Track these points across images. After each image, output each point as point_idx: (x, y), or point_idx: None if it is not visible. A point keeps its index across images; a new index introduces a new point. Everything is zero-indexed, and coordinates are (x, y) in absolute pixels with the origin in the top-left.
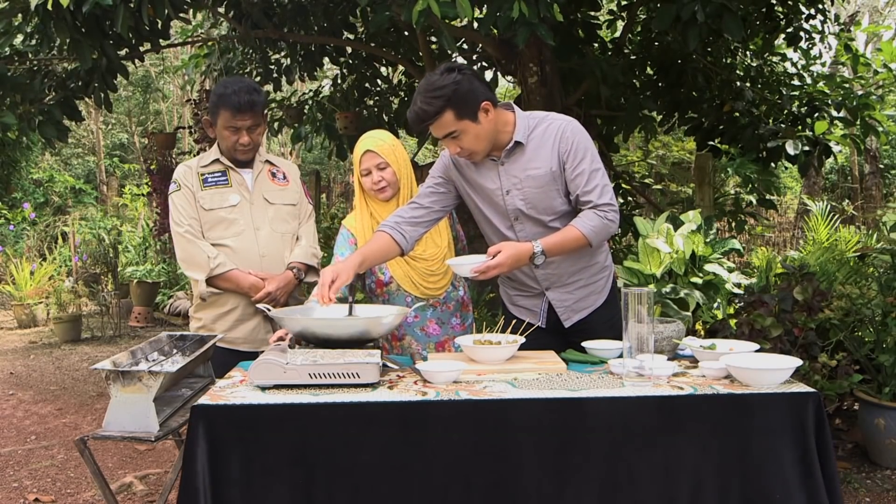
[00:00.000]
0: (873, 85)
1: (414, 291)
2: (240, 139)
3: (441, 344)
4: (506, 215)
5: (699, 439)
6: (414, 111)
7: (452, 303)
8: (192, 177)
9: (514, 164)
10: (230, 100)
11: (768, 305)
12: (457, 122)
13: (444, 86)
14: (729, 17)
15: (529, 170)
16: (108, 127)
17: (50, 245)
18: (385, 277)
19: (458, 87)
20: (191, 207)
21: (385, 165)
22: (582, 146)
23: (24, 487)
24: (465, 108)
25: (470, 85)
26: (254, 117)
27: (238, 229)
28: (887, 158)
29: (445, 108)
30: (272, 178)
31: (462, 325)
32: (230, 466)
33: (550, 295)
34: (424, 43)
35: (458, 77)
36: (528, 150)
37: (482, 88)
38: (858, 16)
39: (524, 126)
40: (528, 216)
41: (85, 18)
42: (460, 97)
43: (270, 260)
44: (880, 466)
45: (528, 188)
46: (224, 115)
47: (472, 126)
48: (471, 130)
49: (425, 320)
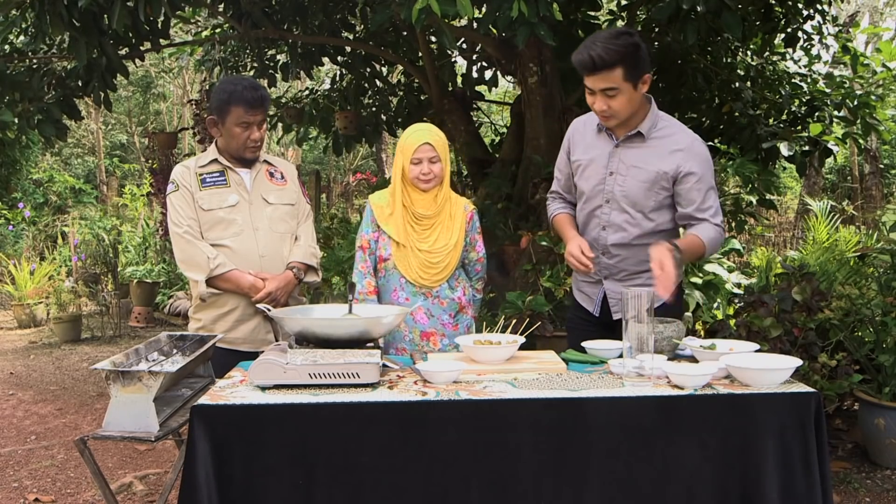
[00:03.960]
0: (873, 85)
1: (408, 275)
2: (251, 135)
3: (427, 334)
4: (598, 195)
5: (699, 439)
6: (589, 55)
7: (446, 300)
8: (191, 177)
9: (629, 151)
10: (243, 95)
11: (768, 305)
12: (622, 80)
13: (627, 43)
14: (728, 13)
15: (640, 163)
16: (108, 127)
17: (49, 245)
18: (385, 254)
19: (637, 48)
20: (189, 208)
21: (437, 160)
22: (706, 164)
23: (24, 487)
24: (634, 71)
25: (642, 52)
26: (263, 113)
27: (237, 229)
28: (887, 158)
29: (620, 63)
30: (270, 177)
31: (455, 325)
32: (230, 466)
33: (607, 285)
34: (424, 43)
35: (637, 40)
36: (647, 144)
37: (648, 60)
38: (858, 16)
39: (652, 121)
40: (619, 203)
41: (81, 14)
42: (636, 58)
43: (270, 260)
44: (880, 466)
45: (631, 178)
46: (236, 111)
47: (630, 90)
48: (627, 93)
49: (415, 305)
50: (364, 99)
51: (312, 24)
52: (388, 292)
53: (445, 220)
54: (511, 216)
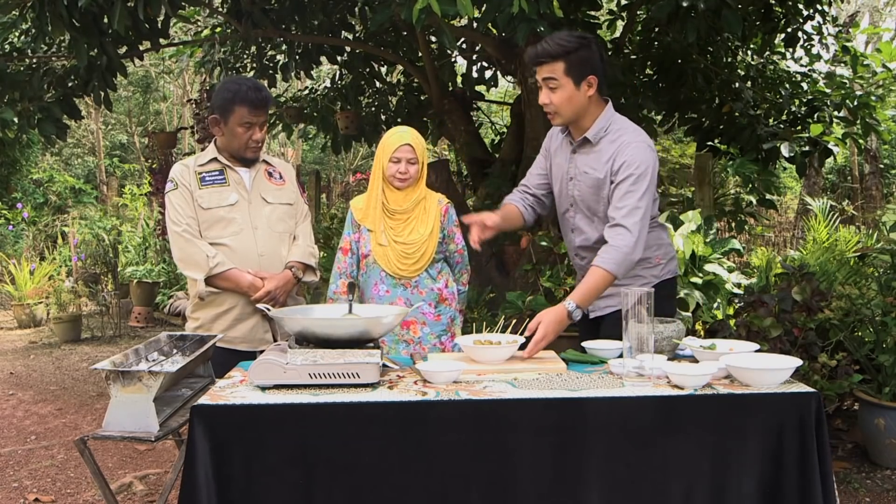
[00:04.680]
0: (873, 85)
1: (387, 268)
2: (253, 135)
3: (407, 323)
4: (565, 199)
5: (699, 439)
6: (536, 48)
7: (425, 290)
8: (190, 176)
9: (581, 156)
10: (248, 96)
11: (768, 305)
12: (563, 74)
13: (571, 41)
14: (728, 11)
15: (588, 168)
16: (107, 127)
17: (49, 245)
18: (366, 250)
19: (580, 48)
20: (188, 206)
21: (415, 162)
22: (634, 166)
23: (24, 487)
24: (576, 68)
25: (589, 54)
26: (266, 114)
27: (236, 228)
28: (887, 158)
29: (562, 57)
30: (269, 177)
31: (437, 315)
32: (230, 466)
33: None
34: (424, 42)
35: (586, 42)
36: (596, 149)
37: (597, 64)
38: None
39: (601, 126)
40: (580, 208)
41: (81, 14)
42: (580, 56)
43: (269, 259)
44: (880, 466)
45: (582, 184)
46: (240, 111)
47: (571, 87)
48: (567, 90)
49: (395, 297)
50: (363, 98)
51: (312, 23)
52: (370, 286)
53: (420, 213)
54: None
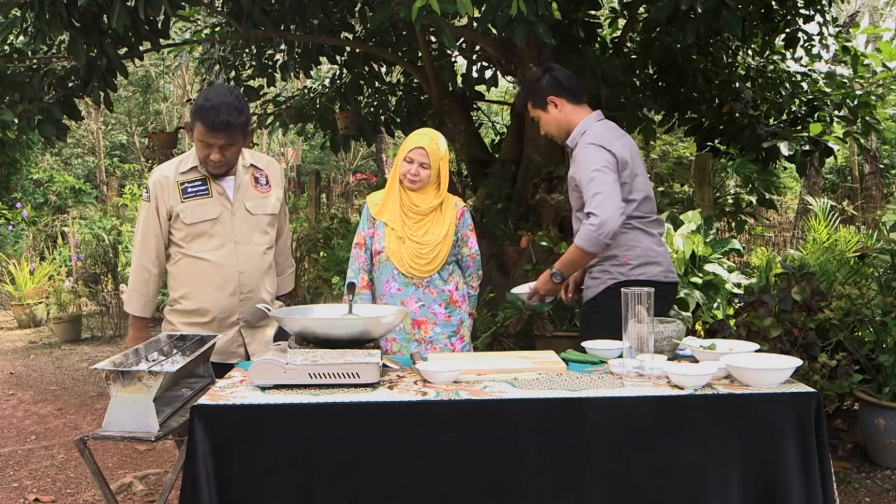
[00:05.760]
0: (873, 84)
1: (400, 267)
2: (210, 155)
3: (418, 322)
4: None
5: (699, 439)
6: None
7: (436, 290)
8: (171, 187)
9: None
10: (206, 115)
11: (768, 305)
12: (533, 110)
13: (527, 83)
14: (727, 12)
15: (570, 174)
16: (108, 127)
17: (49, 245)
18: (379, 247)
19: (534, 85)
20: (155, 224)
21: (427, 167)
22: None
23: (24, 487)
24: (536, 100)
25: (542, 83)
26: (228, 137)
27: (217, 243)
28: (887, 158)
29: (527, 99)
30: (255, 184)
31: (448, 316)
32: (230, 466)
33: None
34: (424, 42)
35: (539, 75)
36: (573, 157)
37: (552, 86)
38: (858, 16)
39: (575, 134)
40: (574, 210)
41: (81, 14)
42: (535, 91)
43: (248, 276)
44: (880, 466)
45: (569, 188)
46: (199, 128)
47: (543, 114)
48: (544, 117)
49: (407, 295)
50: (363, 98)
51: (312, 23)
52: (381, 283)
53: (436, 215)
54: (511, 216)
